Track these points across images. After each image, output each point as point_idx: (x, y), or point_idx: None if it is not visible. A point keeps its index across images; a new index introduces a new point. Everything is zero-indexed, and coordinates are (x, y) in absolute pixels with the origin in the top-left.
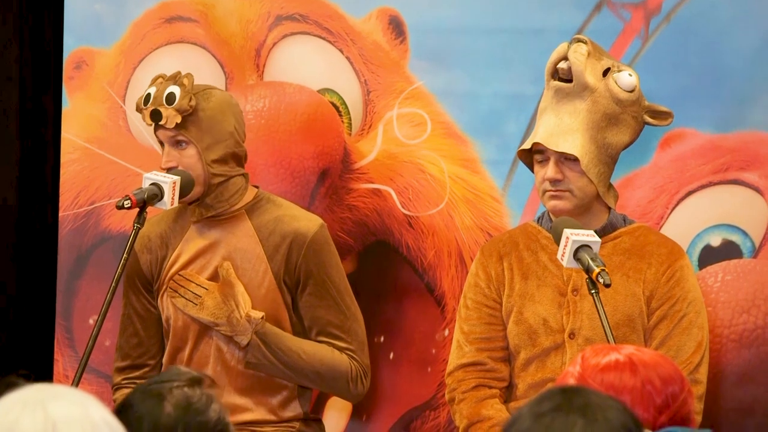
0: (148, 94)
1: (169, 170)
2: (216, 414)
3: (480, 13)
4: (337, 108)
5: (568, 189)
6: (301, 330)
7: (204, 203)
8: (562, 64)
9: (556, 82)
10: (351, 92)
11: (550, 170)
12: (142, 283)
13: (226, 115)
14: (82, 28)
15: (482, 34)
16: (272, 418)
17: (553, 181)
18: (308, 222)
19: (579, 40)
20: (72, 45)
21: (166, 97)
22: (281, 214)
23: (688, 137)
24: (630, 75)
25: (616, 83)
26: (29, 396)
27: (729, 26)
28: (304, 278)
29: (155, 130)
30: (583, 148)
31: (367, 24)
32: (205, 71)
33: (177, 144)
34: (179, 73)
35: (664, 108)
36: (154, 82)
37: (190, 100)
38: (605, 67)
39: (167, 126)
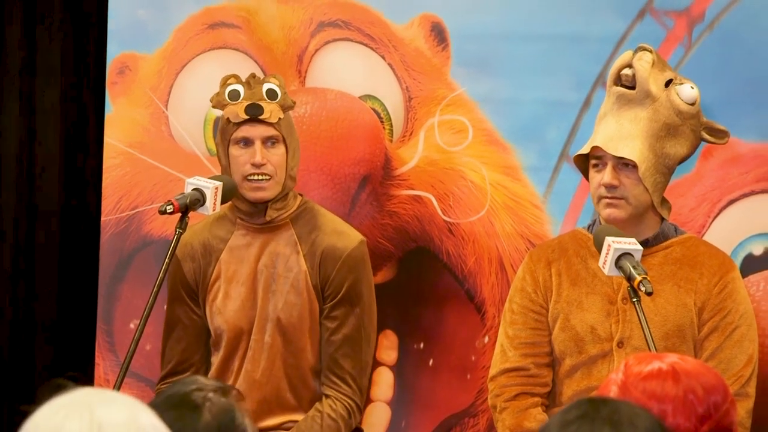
0: (235, 90)
1: (259, 166)
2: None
3: (522, 20)
4: (378, 114)
5: (623, 197)
6: None
7: (273, 206)
8: (626, 71)
9: (619, 88)
10: (392, 99)
11: (606, 176)
12: (186, 291)
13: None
14: (125, 33)
15: (524, 41)
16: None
17: (609, 187)
18: (348, 237)
19: (644, 49)
20: (115, 50)
21: (267, 93)
22: (323, 224)
23: (730, 146)
24: (692, 88)
25: (678, 95)
26: (76, 399)
27: None
28: (333, 295)
29: (237, 126)
30: (642, 155)
31: (410, 30)
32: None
33: (267, 142)
34: (254, 74)
35: (721, 126)
36: (225, 82)
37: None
38: (668, 79)
39: (270, 120)
